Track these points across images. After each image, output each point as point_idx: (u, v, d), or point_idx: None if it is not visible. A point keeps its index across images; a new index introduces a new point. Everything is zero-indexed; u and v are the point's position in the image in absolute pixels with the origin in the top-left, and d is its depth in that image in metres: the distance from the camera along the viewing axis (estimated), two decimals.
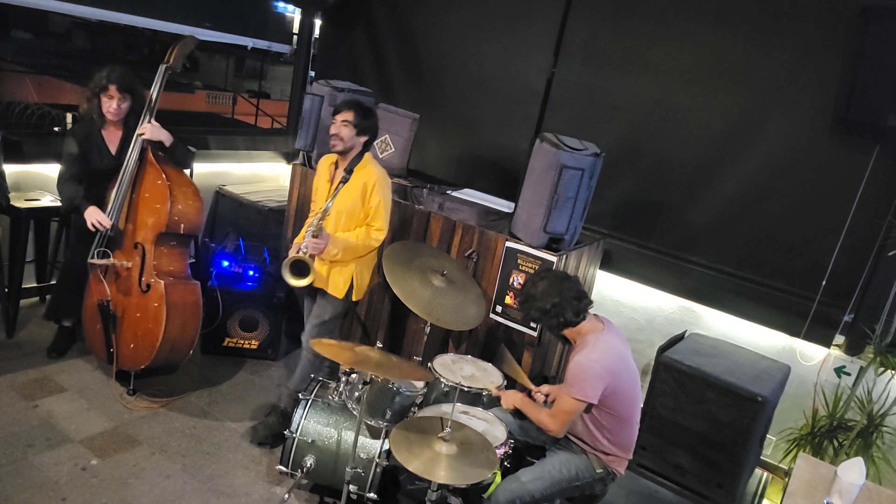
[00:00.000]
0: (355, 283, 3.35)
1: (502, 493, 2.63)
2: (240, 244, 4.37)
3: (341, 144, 3.21)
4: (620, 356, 2.69)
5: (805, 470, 2.80)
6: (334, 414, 2.99)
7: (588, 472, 2.71)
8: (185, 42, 3.53)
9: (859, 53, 3.42)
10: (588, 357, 2.60)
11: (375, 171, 3.26)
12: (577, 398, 2.56)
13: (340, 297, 3.33)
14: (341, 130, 3.18)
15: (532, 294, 2.70)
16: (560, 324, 2.67)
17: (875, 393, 3.51)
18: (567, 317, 2.64)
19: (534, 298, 2.68)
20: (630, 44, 4.16)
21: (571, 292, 2.67)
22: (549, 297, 2.64)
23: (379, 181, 3.23)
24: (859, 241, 3.56)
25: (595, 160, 3.49)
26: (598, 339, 2.66)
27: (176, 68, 3.49)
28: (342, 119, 3.17)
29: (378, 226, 3.26)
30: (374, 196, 3.23)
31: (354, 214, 3.27)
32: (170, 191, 3.40)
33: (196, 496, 2.98)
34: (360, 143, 3.25)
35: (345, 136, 3.19)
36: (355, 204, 3.24)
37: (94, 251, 3.38)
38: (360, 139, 3.24)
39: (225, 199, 4.74)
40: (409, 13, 4.98)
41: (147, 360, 3.42)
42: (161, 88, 3.44)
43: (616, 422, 2.67)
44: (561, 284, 2.68)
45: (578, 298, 2.68)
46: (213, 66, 14.56)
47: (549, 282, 2.69)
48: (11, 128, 4.15)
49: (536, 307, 2.67)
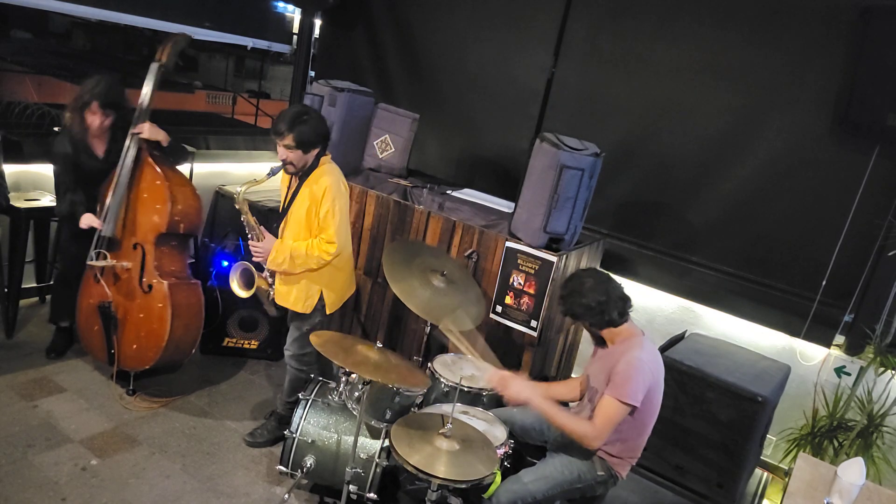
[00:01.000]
0: (326, 300, 3.22)
1: (504, 493, 2.62)
2: (240, 244, 4.37)
3: (293, 168, 3.05)
4: (661, 362, 2.67)
5: (805, 470, 2.80)
6: (334, 414, 2.99)
7: (590, 474, 2.69)
8: (177, 39, 3.49)
9: (859, 53, 3.42)
10: (639, 358, 2.54)
11: (328, 178, 3.06)
12: (626, 402, 2.48)
13: (308, 313, 3.23)
14: (287, 155, 3.00)
15: (578, 290, 2.63)
16: (604, 322, 2.62)
17: (875, 393, 3.51)
18: (612, 316, 2.60)
19: (580, 294, 2.62)
20: (630, 44, 4.16)
21: (618, 292, 2.65)
22: (596, 294, 2.60)
23: (329, 189, 3.03)
24: (859, 241, 3.56)
25: (595, 160, 3.49)
26: (643, 342, 2.62)
27: (169, 66, 3.45)
28: (284, 144, 2.98)
29: (328, 237, 3.04)
30: (324, 204, 3.03)
31: (310, 224, 3.10)
32: (169, 191, 3.40)
33: (196, 496, 2.98)
34: (312, 156, 3.07)
35: (294, 160, 3.02)
36: (309, 212, 3.08)
37: (91, 252, 3.37)
38: (311, 154, 3.06)
39: (225, 199, 4.73)
40: (409, 13, 4.98)
41: (152, 361, 3.42)
42: (154, 86, 3.40)
43: (636, 428, 2.63)
44: (608, 284, 2.65)
45: (623, 300, 2.65)
46: (213, 66, 14.54)
47: (595, 280, 2.66)
48: (11, 128, 4.13)
49: (581, 303, 2.61)
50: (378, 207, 4.05)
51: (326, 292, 3.23)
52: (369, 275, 4.14)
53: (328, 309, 3.25)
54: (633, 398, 2.50)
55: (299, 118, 2.97)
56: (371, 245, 4.11)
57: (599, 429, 2.52)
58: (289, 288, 3.21)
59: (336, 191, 3.06)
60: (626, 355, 2.56)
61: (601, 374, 2.64)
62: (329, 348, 2.61)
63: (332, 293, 3.26)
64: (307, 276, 3.16)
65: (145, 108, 3.39)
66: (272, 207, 4.69)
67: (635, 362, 2.53)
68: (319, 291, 3.21)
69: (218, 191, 4.78)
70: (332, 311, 3.28)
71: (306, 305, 3.21)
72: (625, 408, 2.50)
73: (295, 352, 3.30)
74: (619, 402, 2.49)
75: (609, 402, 2.52)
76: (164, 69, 3.44)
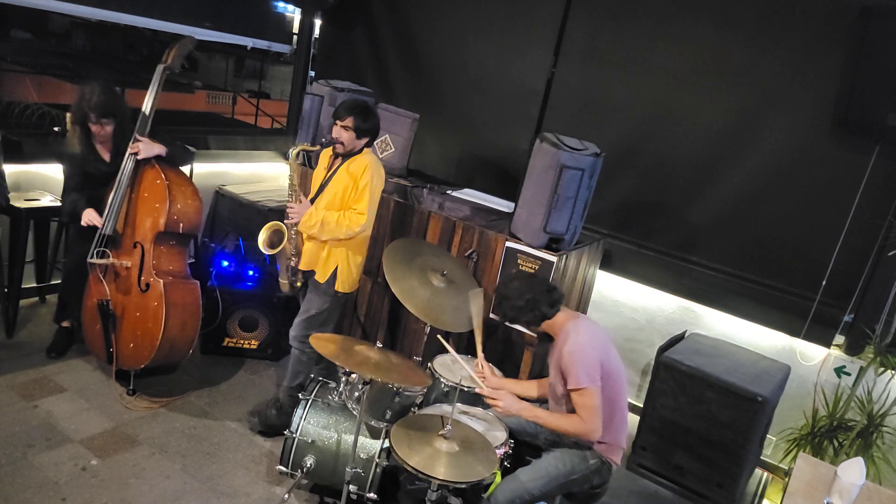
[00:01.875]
0: (339, 274, 3.34)
1: (501, 493, 2.63)
2: (240, 244, 4.37)
3: (342, 148, 3.27)
4: (604, 336, 2.75)
5: (805, 470, 2.80)
6: (334, 414, 2.99)
7: (582, 464, 2.70)
8: (184, 42, 3.52)
9: (859, 53, 3.42)
10: (576, 342, 2.64)
11: (370, 158, 3.31)
12: (590, 384, 2.56)
13: (322, 282, 3.33)
14: (342, 135, 3.24)
15: (505, 294, 2.78)
16: (537, 317, 2.73)
17: (875, 393, 3.51)
18: (542, 309, 2.71)
19: (507, 298, 2.76)
20: (630, 44, 4.16)
21: (543, 285, 2.77)
22: (522, 293, 2.72)
23: (370, 166, 3.26)
24: (859, 241, 3.57)
25: (595, 160, 3.49)
26: (576, 325, 2.71)
27: (175, 68, 3.48)
28: (342, 124, 3.23)
29: (360, 209, 3.24)
30: (363, 178, 3.25)
31: (346, 198, 3.28)
32: (169, 190, 3.40)
33: (196, 496, 2.98)
34: (361, 144, 3.31)
35: (346, 140, 3.25)
36: (347, 187, 3.27)
37: (93, 251, 3.38)
38: (361, 141, 3.30)
39: (225, 199, 4.73)
40: (409, 13, 4.98)
41: (147, 360, 3.43)
42: (159, 89, 3.43)
43: (607, 405, 2.66)
44: (530, 280, 2.79)
45: (549, 290, 2.76)
46: (213, 66, 14.54)
47: (518, 281, 2.80)
48: (11, 128, 4.14)
49: (511, 305, 2.74)
50: (378, 207, 4.03)
51: (342, 267, 3.34)
52: (369, 275, 4.14)
53: (338, 285, 3.35)
54: (590, 380, 2.56)
55: (361, 107, 3.26)
56: (371, 245, 4.09)
57: (589, 420, 2.58)
58: (314, 248, 3.34)
59: (375, 171, 3.27)
60: (563, 347, 2.65)
61: (554, 370, 2.75)
62: (329, 349, 2.61)
63: (345, 270, 3.36)
64: (329, 245, 3.32)
65: (148, 114, 3.40)
66: (273, 207, 4.70)
67: (574, 348, 2.62)
68: (335, 265, 3.33)
69: (218, 191, 4.78)
70: (342, 289, 3.37)
71: (323, 272, 3.34)
72: (593, 389, 2.56)
73: (299, 332, 3.38)
74: (585, 388, 2.56)
75: (577, 395, 2.60)
76: (170, 72, 3.46)
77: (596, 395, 2.57)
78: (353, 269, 3.40)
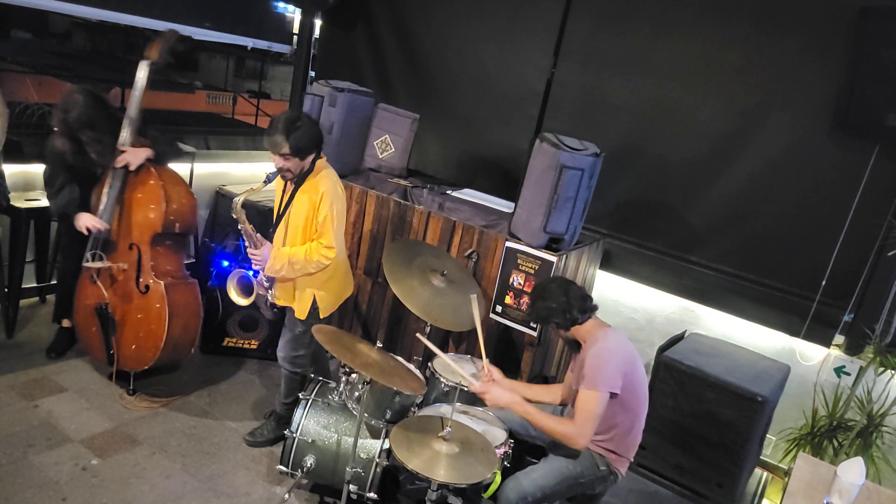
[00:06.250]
0: (319, 302, 3.18)
1: (511, 490, 2.64)
2: (240, 244, 4.37)
3: (292, 174, 3.01)
4: (633, 350, 2.76)
5: (805, 470, 2.80)
6: (334, 414, 2.99)
7: (592, 469, 2.71)
8: (166, 36, 3.43)
9: (859, 53, 3.42)
10: (604, 348, 2.65)
11: (325, 183, 3.03)
12: (602, 391, 2.54)
13: (302, 319, 3.20)
14: (284, 164, 2.95)
15: (541, 295, 2.83)
16: (568, 321, 2.75)
17: (875, 393, 3.51)
18: (574, 314, 2.74)
19: (542, 298, 2.81)
20: (630, 44, 4.16)
21: (579, 292, 2.81)
22: (557, 296, 2.76)
23: (327, 194, 2.99)
24: (859, 241, 3.56)
25: (595, 160, 3.49)
26: (606, 333, 2.73)
27: (159, 63, 3.38)
28: (281, 154, 2.91)
29: (326, 242, 3.01)
30: (321, 209, 3.00)
31: (308, 229, 3.07)
32: (163, 190, 3.38)
33: (196, 496, 2.98)
34: (309, 161, 3.03)
35: (292, 167, 2.97)
36: (307, 218, 3.05)
37: (88, 254, 3.36)
38: (308, 160, 3.01)
39: (225, 200, 4.73)
40: (410, 13, 4.98)
41: (151, 361, 3.42)
42: (145, 84, 3.33)
43: (628, 417, 2.68)
44: (568, 286, 2.83)
45: (584, 298, 2.80)
46: (213, 66, 14.53)
47: (556, 284, 2.86)
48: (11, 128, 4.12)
49: (545, 306, 2.78)
50: (378, 208, 4.05)
51: (319, 295, 3.19)
52: (369, 275, 4.14)
53: (322, 313, 3.22)
54: (608, 385, 2.55)
55: (293, 125, 2.89)
56: (371, 245, 4.11)
57: (581, 425, 2.55)
58: (286, 287, 3.21)
59: (333, 195, 3.04)
60: (590, 350, 2.66)
61: (576, 375, 2.72)
62: (333, 347, 2.60)
63: (326, 296, 3.22)
64: (299, 281, 3.15)
65: (133, 116, 3.30)
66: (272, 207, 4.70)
67: (601, 352, 2.63)
68: (312, 296, 3.17)
69: (218, 191, 4.78)
70: (326, 314, 3.24)
71: (300, 310, 3.20)
72: (602, 397, 2.54)
73: (287, 353, 3.29)
74: (596, 392, 2.54)
75: (584, 395, 2.57)
76: (155, 67, 3.38)
77: (600, 403, 2.55)
78: (332, 291, 3.25)
